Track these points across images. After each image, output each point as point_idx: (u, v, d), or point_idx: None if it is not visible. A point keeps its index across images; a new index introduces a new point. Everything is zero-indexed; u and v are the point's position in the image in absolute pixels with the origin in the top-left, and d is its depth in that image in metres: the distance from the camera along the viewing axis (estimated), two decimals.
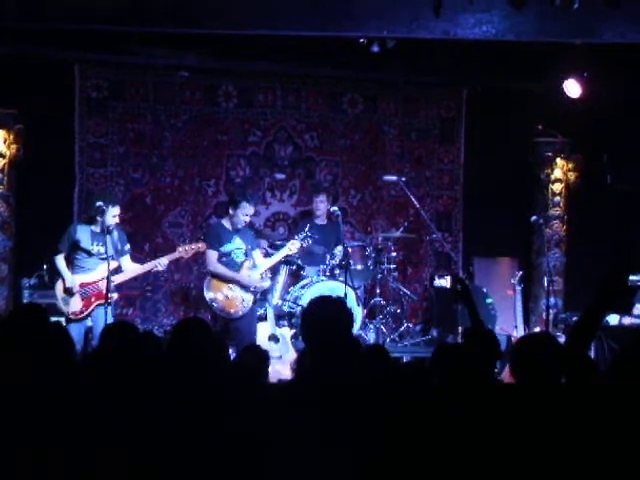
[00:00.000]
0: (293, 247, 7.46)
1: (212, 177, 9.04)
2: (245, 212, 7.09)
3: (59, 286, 6.62)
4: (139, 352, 3.28)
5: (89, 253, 6.63)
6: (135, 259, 7.11)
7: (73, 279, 6.58)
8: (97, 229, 6.65)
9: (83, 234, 6.64)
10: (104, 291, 6.47)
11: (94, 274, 6.61)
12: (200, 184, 9.02)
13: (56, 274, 6.72)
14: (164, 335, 7.72)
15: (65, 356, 3.28)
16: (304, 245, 7.63)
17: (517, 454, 2.99)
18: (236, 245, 7.15)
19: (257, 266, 7.24)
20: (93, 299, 6.60)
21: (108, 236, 6.51)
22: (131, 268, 6.85)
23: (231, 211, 7.16)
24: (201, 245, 7.06)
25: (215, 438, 2.98)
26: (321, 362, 3.35)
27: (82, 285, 6.59)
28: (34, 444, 2.90)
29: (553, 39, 6.74)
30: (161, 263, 6.81)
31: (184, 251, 6.91)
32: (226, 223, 7.20)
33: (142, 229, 8.75)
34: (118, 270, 6.75)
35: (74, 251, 6.63)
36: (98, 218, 6.62)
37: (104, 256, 6.49)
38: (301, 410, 3.10)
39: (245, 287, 7.09)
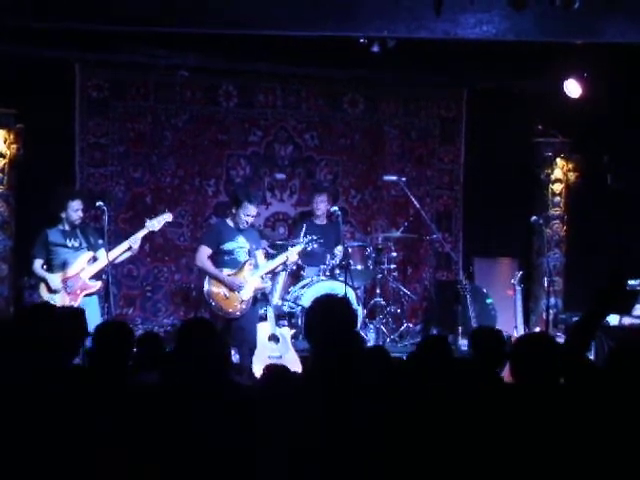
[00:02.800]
0: (291, 256, 7.36)
1: (212, 177, 9.04)
2: (247, 212, 7.07)
3: (43, 288, 6.68)
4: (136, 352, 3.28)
5: (65, 247, 6.70)
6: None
7: (55, 278, 6.63)
8: (66, 227, 6.74)
9: (54, 235, 6.72)
10: (87, 282, 6.64)
11: (74, 267, 6.68)
12: (200, 184, 9.01)
13: (38, 279, 6.77)
14: (164, 335, 7.72)
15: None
16: (308, 249, 7.61)
17: (516, 453, 2.99)
18: (239, 244, 7.13)
19: (259, 266, 7.23)
20: (79, 291, 6.66)
21: (78, 230, 6.69)
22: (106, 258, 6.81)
23: (233, 210, 7.15)
24: (167, 215, 7.06)
25: (216, 438, 2.98)
26: (325, 360, 3.35)
27: (64, 280, 6.65)
28: (35, 444, 2.90)
29: (553, 39, 6.75)
30: (135, 238, 6.81)
31: (152, 225, 6.93)
32: (230, 222, 7.19)
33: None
34: (94, 260, 6.78)
35: (50, 253, 6.70)
36: (62, 216, 6.70)
37: (79, 247, 6.65)
38: (305, 408, 3.10)
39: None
